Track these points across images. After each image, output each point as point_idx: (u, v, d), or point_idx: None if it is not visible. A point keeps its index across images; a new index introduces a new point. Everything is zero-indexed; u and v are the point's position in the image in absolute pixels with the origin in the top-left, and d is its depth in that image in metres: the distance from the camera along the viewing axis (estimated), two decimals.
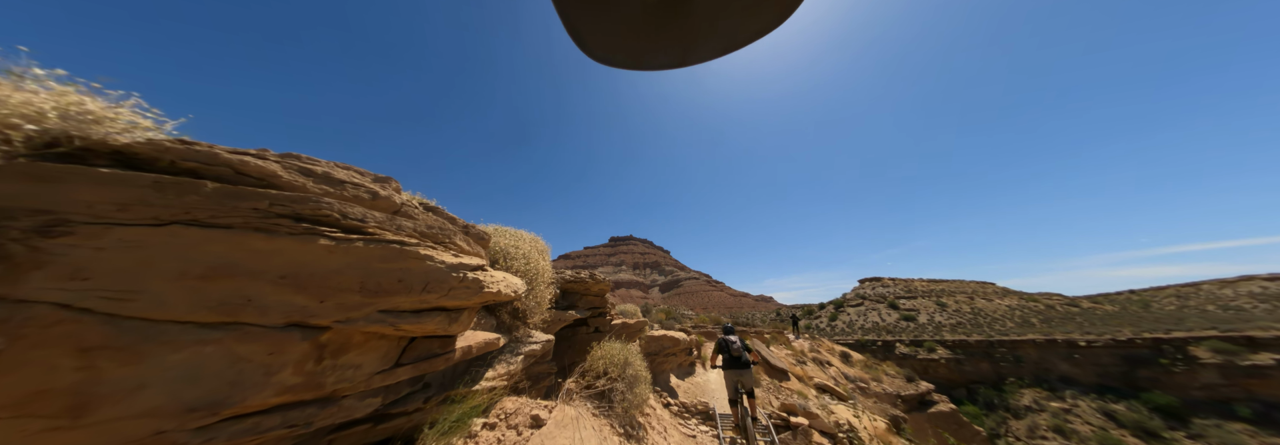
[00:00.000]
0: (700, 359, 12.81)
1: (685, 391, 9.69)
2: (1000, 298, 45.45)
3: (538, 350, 3.66)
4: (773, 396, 10.44)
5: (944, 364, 31.47)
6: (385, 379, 1.94)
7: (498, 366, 3.18)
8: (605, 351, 4.81)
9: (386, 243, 1.75)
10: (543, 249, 4.76)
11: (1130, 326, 31.40)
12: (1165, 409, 23.46)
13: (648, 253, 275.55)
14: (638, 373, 4.67)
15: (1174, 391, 24.38)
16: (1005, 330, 35.34)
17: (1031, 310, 41.14)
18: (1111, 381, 26.98)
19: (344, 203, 1.79)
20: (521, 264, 3.81)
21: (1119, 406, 24.59)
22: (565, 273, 5.02)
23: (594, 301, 5.50)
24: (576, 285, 5.11)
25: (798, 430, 7.29)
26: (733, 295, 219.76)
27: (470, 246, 2.57)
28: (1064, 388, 27.55)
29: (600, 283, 5.35)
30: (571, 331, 5.50)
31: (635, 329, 6.56)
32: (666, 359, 10.11)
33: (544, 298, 3.96)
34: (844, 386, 14.03)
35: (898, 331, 39.17)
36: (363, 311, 1.66)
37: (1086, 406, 25.42)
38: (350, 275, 1.63)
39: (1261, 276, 40.22)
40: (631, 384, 4.58)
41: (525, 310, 3.72)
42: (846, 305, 49.94)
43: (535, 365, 3.86)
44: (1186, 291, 42.89)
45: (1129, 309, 40.07)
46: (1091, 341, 28.66)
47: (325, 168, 1.98)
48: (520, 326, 3.79)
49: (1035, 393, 27.63)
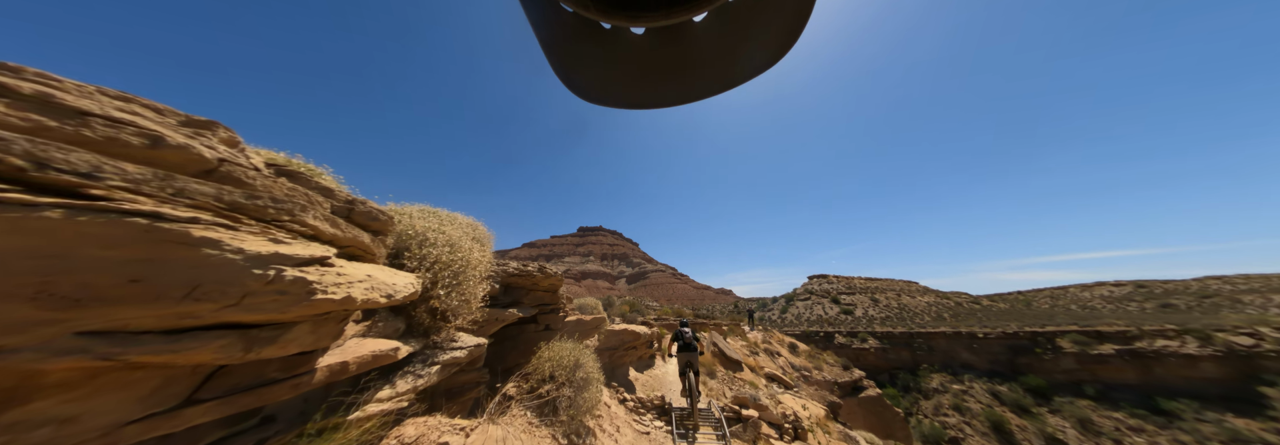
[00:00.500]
0: (660, 351, 12.68)
1: (643, 385, 9.44)
2: (921, 295, 51.26)
3: (463, 357, 2.97)
4: (727, 387, 10.56)
5: (873, 352, 34.94)
6: (155, 427, 1.20)
7: (400, 382, 2.46)
8: (553, 353, 4.23)
9: (120, 215, 0.97)
10: (483, 237, 3.98)
11: (1016, 321, 36.86)
12: (1035, 389, 28.03)
13: (617, 244, 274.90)
14: (589, 375, 4.16)
15: (1043, 375, 29.15)
16: (923, 324, 39.90)
17: (944, 306, 46.89)
18: (999, 367, 31.63)
19: (67, 147, 1.00)
20: (445, 253, 3.03)
21: (1002, 388, 28.96)
22: (509, 264, 4.25)
23: (544, 297, 4.82)
24: (521, 279, 4.38)
25: (748, 422, 7.33)
26: (696, 288, 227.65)
27: (341, 229, 1.79)
28: (964, 372, 31.84)
29: (551, 277, 4.68)
30: (517, 330, 4.80)
31: (592, 326, 5.99)
32: (627, 353, 9.73)
33: (475, 294, 3.23)
34: (790, 375, 14.75)
35: (837, 323, 42.75)
36: (40, 334, 0.89)
37: (979, 388, 29.63)
38: (23, 271, 0.86)
39: (1109, 282, 49.32)
40: (582, 388, 4.07)
41: (447, 309, 2.99)
42: (796, 299, 53.57)
43: (460, 374, 3.17)
44: (1057, 293, 51.34)
45: (1016, 307, 47.12)
46: (987, 334, 33.25)
47: (46, 85, 1.14)
48: (442, 329, 3.07)
49: (942, 377, 31.66)
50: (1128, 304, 42.60)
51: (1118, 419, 24.62)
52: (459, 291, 3.06)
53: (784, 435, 7.33)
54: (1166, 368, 25.95)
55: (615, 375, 9.16)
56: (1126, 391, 26.36)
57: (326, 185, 2.10)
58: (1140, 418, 24.26)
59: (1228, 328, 26.72)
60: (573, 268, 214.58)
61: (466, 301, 3.14)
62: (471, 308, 3.19)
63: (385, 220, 2.45)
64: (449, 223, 3.57)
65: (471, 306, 3.18)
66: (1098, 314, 38.83)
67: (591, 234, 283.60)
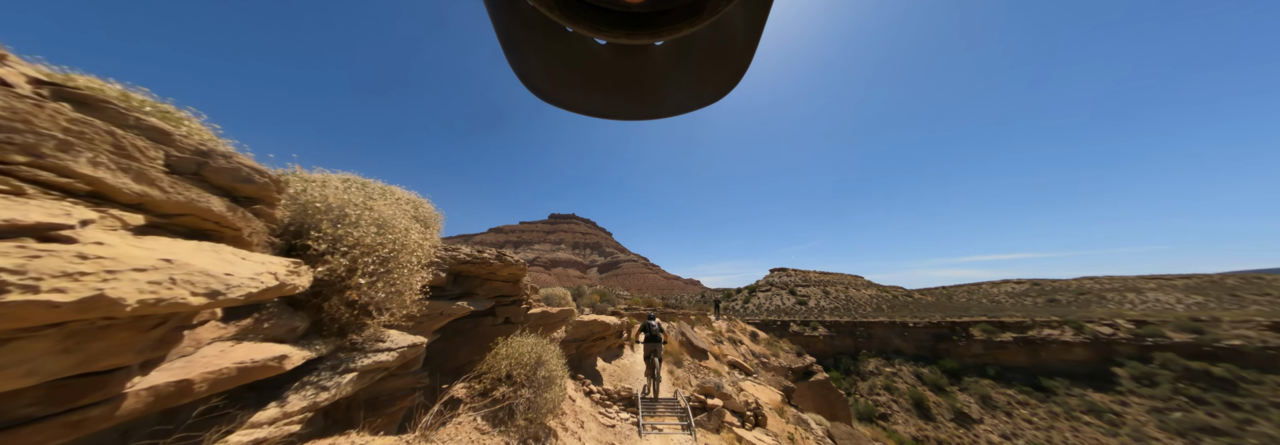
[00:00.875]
0: (629, 341, 12.51)
1: (611, 375, 9.18)
2: (865, 288, 56.19)
3: (390, 360, 2.39)
4: (692, 376, 10.65)
5: (822, 340, 37.89)
6: None
7: (293, 398, 1.86)
8: (512, 350, 3.72)
9: None
10: (427, 217, 3.29)
11: (940, 313, 41.65)
12: (950, 371, 32.12)
13: (589, 233, 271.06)
14: (552, 373, 3.72)
15: (957, 358, 33.42)
16: (865, 314, 43.82)
17: (883, 299, 51.84)
18: (923, 352, 35.74)
19: None
20: (370, 234, 2.38)
21: (924, 370, 32.82)
22: (461, 250, 3.59)
23: (503, 288, 4.23)
24: (476, 267, 3.75)
25: (712, 411, 7.35)
26: (666, 278, 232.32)
27: (164, 188, 1.14)
28: (895, 357, 35.59)
29: (511, 265, 4.09)
30: (470, 324, 4.19)
31: (559, 319, 5.47)
32: (595, 343, 9.37)
33: (411, 284, 2.61)
34: (751, 362, 15.37)
35: (793, 313, 45.71)
36: None
37: (906, 370, 33.34)
38: None
39: (1012, 281, 57.34)
40: (543, 387, 3.62)
41: (371, 303, 2.37)
42: (758, 290, 56.43)
43: (389, 380, 2.58)
44: (973, 289, 58.82)
45: (940, 300, 53.33)
46: (916, 323, 37.30)
47: None
48: (365, 326, 2.45)
49: (877, 361, 35.18)
50: (1025, 299, 49.83)
51: (1010, 394, 28.99)
52: (388, 281, 2.44)
53: (746, 422, 7.47)
54: (1049, 352, 30.81)
55: (582, 366, 8.80)
56: (1018, 372, 31.00)
57: (158, 126, 1.38)
58: (1026, 393, 28.73)
59: (1095, 320, 32.16)
60: (543, 255, 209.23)
61: (399, 293, 2.53)
62: (406, 300, 2.58)
63: (263, 183, 1.76)
64: (381, 197, 2.87)
65: (406, 299, 2.57)
66: (1002, 307, 44.95)
67: (564, 221, 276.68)
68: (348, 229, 2.31)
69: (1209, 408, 23.80)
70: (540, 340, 3.87)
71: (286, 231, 2.24)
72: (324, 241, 2.17)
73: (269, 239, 2.08)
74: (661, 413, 7.27)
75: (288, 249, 2.23)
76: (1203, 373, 25.49)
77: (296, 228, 2.27)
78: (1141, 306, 39.46)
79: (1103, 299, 43.73)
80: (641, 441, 6.00)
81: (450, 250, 3.48)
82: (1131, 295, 42.74)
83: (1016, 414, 27.29)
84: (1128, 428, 24.29)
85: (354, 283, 2.24)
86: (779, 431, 8.01)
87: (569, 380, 7.29)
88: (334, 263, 2.19)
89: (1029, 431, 25.95)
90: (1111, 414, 25.36)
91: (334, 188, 2.62)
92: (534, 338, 3.94)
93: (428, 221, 3.24)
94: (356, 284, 2.24)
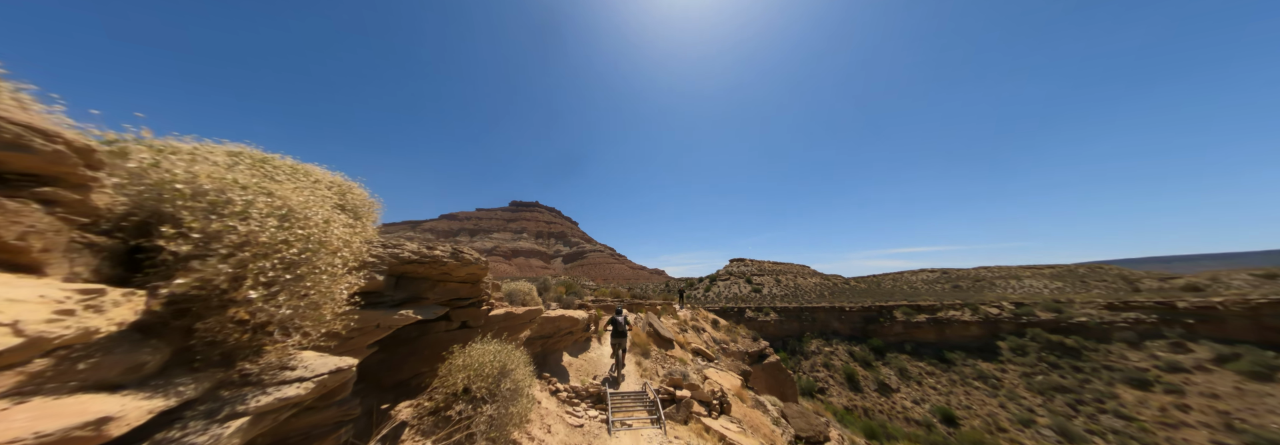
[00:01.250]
0: (597, 334, 12.24)
1: (578, 368, 8.87)
2: (811, 277, 61.56)
3: (302, 394, 1.82)
4: (660, 366, 10.74)
5: (773, 324, 41.02)
6: None
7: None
8: (471, 359, 3.19)
9: None
10: (359, 205, 2.60)
11: (870, 298, 47.11)
12: (876, 348, 36.72)
13: (553, 222, 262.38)
14: (519, 384, 3.28)
15: (882, 337, 38.23)
16: (810, 300, 48.09)
17: (826, 286, 57.26)
18: (856, 333, 40.32)
19: None
20: (268, 229, 1.74)
21: (856, 348, 37.14)
22: (404, 247, 2.89)
23: (460, 290, 3.62)
24: (424, 268, 3.08)
25: (681, 402, 7.40)
26: (632, 268, 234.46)
27: None
28: (833, 338, 39.74)
29: (470, 265, 3.48)
30: (418, 330, 3.57)
31: (525, 320, 4.93)
32: (563, 338, 8.97)
33: (333, 294, 2.01)
34: (712, 349, 16.02)
35: (749, 300, 48.78)
36: None
37: (842, 350, 37.46)
38: None
39: (926, 270, 66.52)
40: (508, 401, 3.19)
41: (272, 322, 1.76)
42: (718, 279, 59.20)
43: (301, 417, 2.01)
44: (897, 277, 67.21)
45: (871, 287, 60.23)
46: (851, 308, 41.85)
47: None
48: (264, 351, 1.83)
49: (818, 341, 39.04)
50: (936, 285, 58.10)
51: (921, 367, 33.96)
52: (297, 292, 1.83)
53: (712, 411, 7.65)
54: (952, 330, 36.42)
55: (547, 363, 8.38)
56: (928, 347, 36.30)
57: None
58: (934, 365, 33.84)
59: (987, 302, 38.52)
60: (503, 244, 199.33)
61: (315, 306, 1.92)
62: (324, 315, 1.98)
63: (54, 153, 1.10)
64: (290, 178, 2.16)
65: (324, 313, 1.97)
66: (919, 293, 51.99)
67: (526, 209, 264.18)
68: (230, 222, 1.65)
69: (1061, 371, 29.92)
70: (504, 346, 3.41)
71: (123, 227, 1.53)
72: (186, 241, 1.51)
73: (86, 239, 1.38)
74: (631, 407, 7.18)
75: (127, 254, 1.54)
76: (1059, 344, 31.85)
77: (142, 220, 1.57)
78: (1020, 291, 48.02)
79: (993, 285, 52.44)
80: (611, 440, 5.83)
81: (391, 247, 2.81)
82: (1013, 282, 51.75)
83: (925, 383, 32.11)
84: (1005, 389, 29.77)
85: (241, 297, 1.62)
86: (741, 416, 8.36)
87: (536, 380, 6.85)
88: (206, 270, 1.55)
89: (934, 396, 30.73)
90: (994, 379, 30.87)
91: (212, 164, 1.89)
92: (497, 344, 3.47)
93: (359, 211, 2.55)
94: (245, 299, 1.63)
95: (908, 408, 30.06)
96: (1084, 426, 25.81)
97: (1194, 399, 25.46)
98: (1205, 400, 25.15)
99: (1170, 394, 26.25)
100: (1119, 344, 30.63)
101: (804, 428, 10.25)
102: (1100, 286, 45.62)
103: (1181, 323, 29.61)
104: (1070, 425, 25.70)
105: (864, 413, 29.93)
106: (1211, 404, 24.78)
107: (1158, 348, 29.13)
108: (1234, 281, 35.84)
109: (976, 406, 28.98)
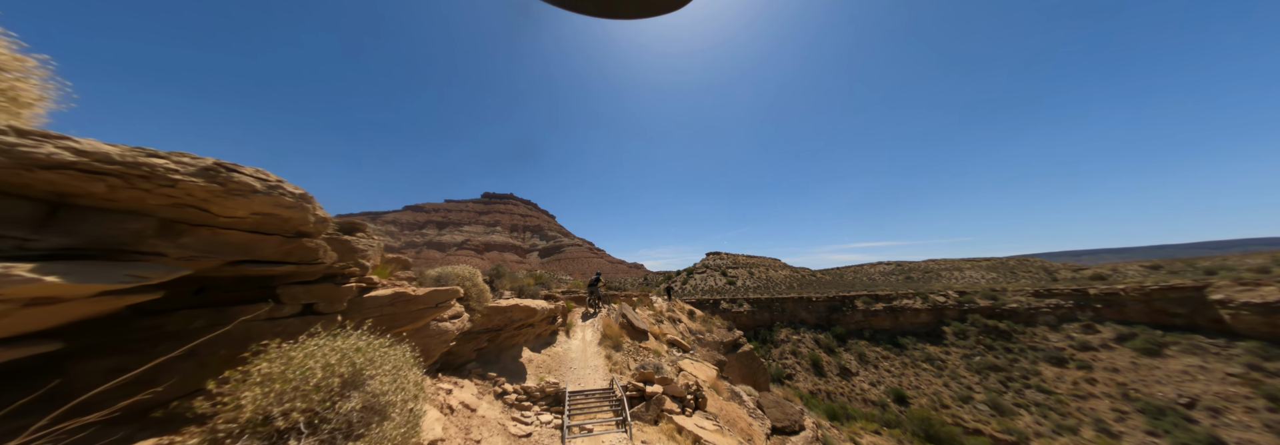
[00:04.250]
0: (564, 327, 10.92)
1: (539, 366, 7.57)
2: (781, 270, 63.44)
3: None
4: (631, 359, 9.65)
5: (746, 315, 41.55)
6: None
7: None
8: (293, 364, 1.82)
9: None
10: None
11: (834, 289, 49.18)
12: (839, 335, 38.24)
13: (530, 215, 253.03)
14: (386, 399, 1.99)
15: (844, 325, 39.89)
16: (780, 291, 49.35)
17: (795, 278, 59.19)
18: (821, 321, 41.81)
19: None
20: None
21: (821, 336, 38.46)
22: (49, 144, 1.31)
23: (260, 247, 2.10)
24: (123, 188, 1.40)
25: (651, 400, 6.37)
26: (611, 262, 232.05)
27: None
28: (801, 326, 40.94)
29: (256, 195, 1.96)
30: (214, 318, 2.11)
31: (426, 304, 3.44)
32: (517, 332, 7.58)
33: None
34: (688, 339, 15.25)
35: (723, 292, 49.24)
36: None
37: (808, 338, 38.64)
38: None
39: (882, 263, 70.92)
40: (361, 425, 1.88)
41: None
42: (695, 272, 59.42)
43: None
44: (857, 269, 71.11)
45: (835, 279, 63.17)
46: (817, 298, 43.34)
47: None
48: None
49: (787, 330, 40.04)
50: (892, 277, 61.91)
51: (878, 351, 35.73)
52: None
53: (686, 407, 6.69)
54: (905, 317, 38.65)
55: (501, 360, 7.00)
56: (884, 334, 38.31)
57: None
58: (888, 350, 35.73)
59: (935, 291, 41.26)
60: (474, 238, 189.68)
61: None
62: None
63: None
64: None
65: None
66: (877, 283, 55.00)
67: (500, 201, 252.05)
68: None
69: (995, 352, 32.46)
70: (373, 342, 2.06)
71: None
72: None
73: None
74: (594, 407, 6.01)
75: None
76: (994, 328, 34.57)
77: None
78: (962, 281, 52.06)
79: (939, 276, 56.56)
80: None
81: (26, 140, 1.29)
82: (956, 273, 56.10)
83: (881, 366, 33.77)
84: (949, 370, 31.86)
85: None
86: (717, 410, 7.48)
87: (469, 382, 5.45)
88: None
89: (888, 379, 32.37)
90: (940, 361, 33.00)
91: None
92: (364, 338, 2.11)
93: None
94: None
95: (865, 390, 31.44)
96: (1012, 400, 28.12)
97: (1099, 373, 28.48)
98: (1108, 374, 28.21)
99: (1081, 370, 29.19)
100: (1042, 327, 33.73)
101: (780, 417, 9.63)
102: (1027, 276, 50.42)
103: (1092, 307, 33.02)
104: (1001, 400, 27.91)
105: (827, 396, 30.97)
106: (1113, 377, 27.83)
107: (1073, 329, 32.34)
108: (1129, 271, 40.67)
109: (924, 386, 30.82)
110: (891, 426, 25.22)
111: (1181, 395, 24.65)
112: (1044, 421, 25.71)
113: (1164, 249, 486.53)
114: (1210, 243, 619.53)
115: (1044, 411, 26.52)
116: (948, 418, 26.99)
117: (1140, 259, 46.69)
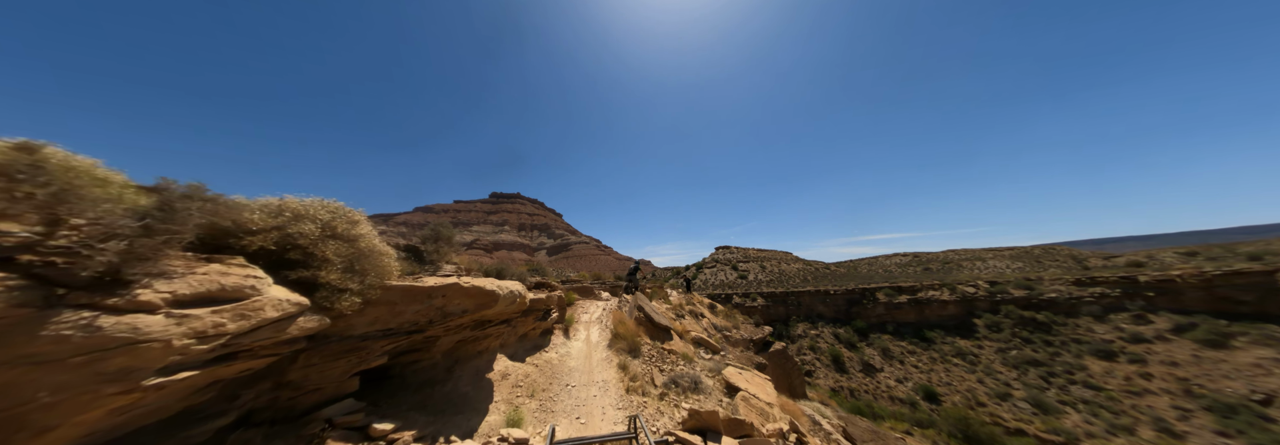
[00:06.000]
0: (562, 324, 8.70)
1: (517, 384, 5.13)
2: (794, 263, 60.85)
3: None
4: (655, 368, 7.38)
5: (760, 309, 39.21)
6: None
7: None
8: None
9: None
10: None
11: (852, 282, 46.59)
12: (860, 329, 35.82)
13: (537, 214, 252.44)
14: None
15: (865, 319, 37.41)
16: (794, 285, 46.89)
17: (809, 272, 56.63)
18: (840, 315, 39.37)
19: None
20: None
21: (841, 330, 36.07)
22: None
23: None
24: None
25: None
26: (618, 259, 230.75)
27: None
28: (819, 320, 38.56)
29: None
30: None
31: None
32: (487, 336, 5.12)
33: None
34: (715, 337, 13.08)
35: (736, 286, 46.93)
36: None
37: (826, 332, 36.28)
38: None
39: (898, 254, 67.88)
40: None
41: None
42: (705, 267, 57.17)
43: None
44: (874, 261, 68.19)
45: (850, 271, 60.44)
46: (835, 291, 40.83)
47: None
48: None
49: (805, 325, 37.70)
50: (908, 268, 58.97)
51: (903, 346, 33.27)
52: None
53: None
54: (931, 310, 36.02)
55: (449, 379, 4.53)
56: (909, 327, 35.78)
57: None
58: (914, 344, 33.24)
59: (963, 282, 38.48)
60: (483, 237, 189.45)
61: None
62: None
63: None
64: None
65: None
66: (894, 276, 52.21)
67: (507, 201, 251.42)
68: None
69: (1033, 346, 29.80)
70: None
71: None
72: None
73: None
74: None
75: None
76: (1031, 319, 31.84)
77: None
78: (986, 271, 49.06)
79: (960, 266, 53.54)
80: None
81: None
82: (979, 263, 53.02)
83: (908, 361, 31.33)
84: (982, 365, 29.32)
85: None
86: None
87: None
88: None
89: (916, 375, 29.95)
90: (972, 355, 30.45)
91: None
92: None
93: None
94: None
95: (892, 386, 29.11)
96: (1057, 397, 25.55)
97: (1156, 367, 25.72)
98: (1166, 368, 25.43)
99: (1134, 363, 26.44)
100: (1086, 318, 30.90)
101: None
102: (1055, 266, 47.19)
103: (1142, 296, 30.04)
104: (1044, 397, 25.36)
105: (851, 393, 28.73)
106: (1171, 371, 25.05)
107: (1121, 320, 29.46)
108: (1165, 258, 37.31)
109: (956, 383, 28.38)
110: (923, 426, 22.89)
111: (1255, 390, 21.86)
112: (1095, 420, 23.15)
113: (1194, 235, 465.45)
114: (1243, 228, 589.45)
115: (1094, 410, 23.94)
116: (985, 416, 24.57)
117: (1171, 245, 43.16)
